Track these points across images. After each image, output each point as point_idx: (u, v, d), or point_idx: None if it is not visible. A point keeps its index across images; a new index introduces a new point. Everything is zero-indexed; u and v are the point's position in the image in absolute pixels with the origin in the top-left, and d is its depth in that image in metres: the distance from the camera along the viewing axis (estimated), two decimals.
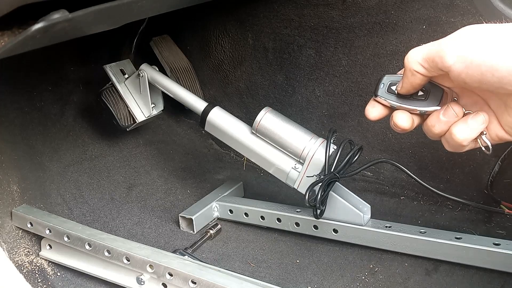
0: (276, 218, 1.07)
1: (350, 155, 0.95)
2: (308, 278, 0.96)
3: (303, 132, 1.00)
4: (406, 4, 1.09)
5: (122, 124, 1.21)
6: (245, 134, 1.06)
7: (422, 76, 0.61)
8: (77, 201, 1.17)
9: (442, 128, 0.63)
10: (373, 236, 0.97)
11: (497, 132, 0.62)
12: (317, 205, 0.92)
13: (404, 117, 0.65)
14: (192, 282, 0.83)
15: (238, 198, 1.20)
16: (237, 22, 1.34)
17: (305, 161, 0.98)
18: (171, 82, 1.17)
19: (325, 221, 1.00)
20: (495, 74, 0.54)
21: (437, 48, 0.57)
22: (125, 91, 1.21)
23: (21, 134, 1.16)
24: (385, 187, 1.19)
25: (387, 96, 0.66)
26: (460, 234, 0.92)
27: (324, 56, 1.22)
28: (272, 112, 1.02)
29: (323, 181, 0.92)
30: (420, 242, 0.93)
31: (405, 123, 0.65)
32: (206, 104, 1.10)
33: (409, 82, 0.62)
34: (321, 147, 0.97)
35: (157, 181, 1.31)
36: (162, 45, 1.35)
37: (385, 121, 1.17)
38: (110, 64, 1.21)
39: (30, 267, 1.01)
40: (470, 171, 1.09)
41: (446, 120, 0.62)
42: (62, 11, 0.61)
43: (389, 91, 0.66)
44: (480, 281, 0.90)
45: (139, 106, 1.22)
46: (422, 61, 0.59)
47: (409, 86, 0.63)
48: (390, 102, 0.66)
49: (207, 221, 1.14)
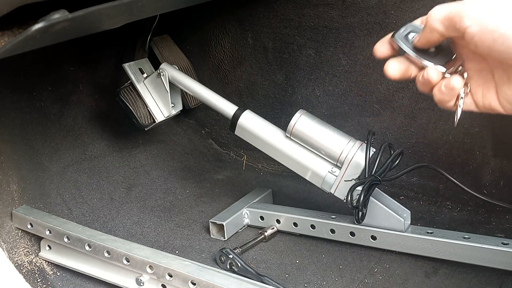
0: (310, 224, 1.04)
1: (392, 159, 0.93)
2: (307, 278, 0.96)
3: (340, 135, 0.97)
4: (406, 4, 1.09)
5: (142, 123, 1.19)
6: (279, 138, 1.02)
7: (439, 35, 0.62)
8: (77, 201, 1.17)
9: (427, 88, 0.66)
10: (414, 243, 0.94)
11: (491, 101, 0.63)
12: (359, 207, 0.89)
13: (396, 66, 0.67)
14: (192, 283, 0.83)
15: (268, 205, 1.16)
16: (237, 22, 1.34)
17: (343, 164, 0.94)
18: (194, 82, 1.14)
19: (363, 228, 0.97)
20: (505, 43, 0.55)
21: (458, 8, 0.59)
22: (144, 90, 1.19)
23: (21, 134, 1.16)
24: (384, 187, 1.19)
25: (402, 40, 0.67)
26: (507, 240, 0.88)
27: (324, 56, 1.22)
28: (307, 114, 0.99)
29: (365, 183, 0.89)
30: (464, 248, 0.89)
31: (396, 73, 0.67)
32: (236, 107, 1.07)
33: (426, 37, 0.64)
34: (360, 150, 0.94)
35: (156, 181, 1.31)
36: (162, 45, 1.35)
37: (384, 121, 1.18)
38: (129, 63, 1.20)
39: (30, 267, 1.01)
40: (470, 171, 1.09)
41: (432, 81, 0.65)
42: (62, 11, 0.61)
43: (405, 37, 0.67)
44: (479, 284, 0.90)
45: (159, 106, 1.20)
46: (443, 19, 0.61)
47: (425, 41, 0.64)
48: (402, 46, 0.67)
49: (237, 228, 1.11)
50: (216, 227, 1.09)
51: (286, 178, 1.30)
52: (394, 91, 1.15)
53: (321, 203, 1.14)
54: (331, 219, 1.02)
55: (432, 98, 0.66)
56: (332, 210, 1.05)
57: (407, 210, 0.97)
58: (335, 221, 1.01)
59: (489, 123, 1.05)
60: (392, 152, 0.94)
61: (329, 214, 1.04)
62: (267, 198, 1.20)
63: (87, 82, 1.33)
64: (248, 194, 1.19)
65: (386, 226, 0.95)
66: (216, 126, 1.46)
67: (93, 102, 1.34)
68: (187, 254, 1.05)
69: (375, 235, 0.97)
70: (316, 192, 1.00)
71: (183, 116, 1.49)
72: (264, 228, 1.08)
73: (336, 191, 0.96)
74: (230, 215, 1.09)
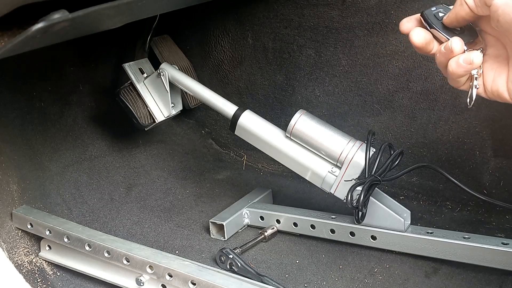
0: (310, 224, 1.03)
1: (392, 159, 0.93)
2: (307, 278, 0.96)
3: (340, 135, 0.96)
4: (406, 4, 1.09)
5: (143, 123, 1.19)
6: (279, 138, 1.02)
7: (469, 10, 0.63)
8: (77, 201, 1.17)
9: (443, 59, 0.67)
10: (414, 243, 0.94)
11: (499, 86, 0.65)
12: (359, 207, 0.89)
13: (422, 34, 0.68)
14: (192, 283, 0.83)
15: (269, 205, 1.16)
16: (237, 22, 1.34)
17: (343, 164, 0.94)
18: (193, 82, 1.14)
19: (363, 228, 0.97)
20: None
21: None
22: (144, 90, 1.19)
23: (21, 134, 1.16)
24: (384, 187, 1.19)
25: (430, 18, 0.69)
26: (507, 240, 0.88)
27: (324, 56, 1.22)
28: (307, 114, 0.99)
29: (365, 183, 0.89)
30: (464, 248, 0.89)
31: (420, 39, 0.68)
32: (236, 107, 1.07)
33: (456, 12, 0.65)
34: (360, 150, 0.94)
35: (156, 181, 1.31)
36: (162, 45, 1.35)
37: (384, 121, 1.18)
38: (129, 63, 1.20)
39: (30, 267, 1.01)
40: (470, 171, 1.09)
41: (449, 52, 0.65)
42: (62, 11, 0.60)
43: (434, 15, 0.69)
44: (479, 284, 0.90)
45: (159, 106, 1.20)
46: None
47: (454, 17, 0.66)
48: (430, 21, 0.69)
49: (237, 228, 1.11)
50: (216, 227, 1.09)
51: (286, 178, 1.30)
52: (394, 91, 1.15)
53: (321, 203, 1.14)
54: (331, 219, 1.02)
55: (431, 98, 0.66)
56: (332, 210, 1.05)
57: (407, 210, 0.96)
58: (335, 221, 1.01)
59: (489, 123, 1.05)
60: (392, 152, 0.94)
61: (329, 214, 1.03)
62: (267, 198, 1.20)
63: (87, 82, 1.33)
64: (248, 194, 1.19)
65: (386, 226, 0.95)
66: (216, 126, 1.46)
67: (93, 102, 1.34)
68: (187, 254, 1.05)
69: (375, 235, 0.97)
70: (316, 192, 1.00)
71: (183, 116, 1.49)
72: (264, 228, 1.08)
73: (336, 191, 0.96)
74: (230, 215, 1.09)
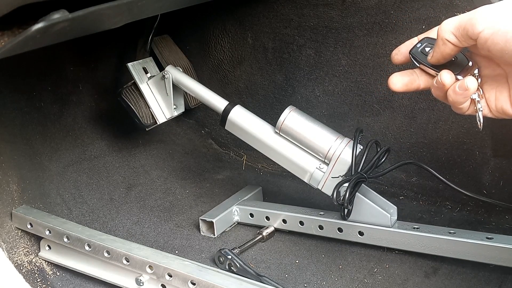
0: (299, 221, 1.04)
1: (378, 156, 0.94)
2: (307, 278, 0.96)
3: (328, 132, 0.97)
4: (406, 4, 1.09)
5: (144, 123, 1.19)
6: (268, 133, 1.02)
7: (453, 46, 0.63)
8: (76, 201, 1.17)
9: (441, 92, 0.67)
10: (400, 238, 0.94)
11: (503, 104, 0.64)
12: (345, 204, 0.90)
13: (399, 80, 0.70)
14: (192, 283, 0.83)
15: (258, 202, 1.17)
16: (237, 22, 1.34)
17: (331, 161, 0.95)
18: (194, 82, 1.15)
19: (350, 223, 0.98)
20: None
21: (469, 16, 0.60)
22: (147, 91, 1.19)
23: (21, 134, 1.16)
24: (384, 186, 1.19)
25: (417, 55, 0.69)
26: (491, 235, 0.89)
27: (324, 56, 1.22)
28: (296, 111, 0.99)
29: (350, 180, 0.90)
30: (449, 242, 0.90)
31: (398, 86, 0.71)
32: (227, 102, 1.07)
33: (440, 51, 0.64)
34: (348, 147, 0.94)
35: (156, 181, 1.31)
36: (162, 45, 1.35)
37: (384, 121, 1.18)
38: (133, 63, 1.19)
39: (30, 267, 1.01)
40: (470, 171, 1.09)
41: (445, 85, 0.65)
42: (62, 11, 0.61)
43: (421, 51, 0.69)
44: (479, 284, 0.90)
45: (161, 107, 1.20)
46: (454, 29, 0.61)
47: (440, 56, 0.65)
48: (418, 59, 0.69)
49: (227, 225, 1.11)
50: (206, 224, 1.10)
51: (286, 178, 1.30)
52: (394, 91, 1.15)
53: (322, 203, 1.14)
54: (319, 216, 1.03)
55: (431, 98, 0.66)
56: (332, 209, 1.05)
57: (394, 206, 0.97)
58: (323, 217, 1.02)
59: (489, 123, 1.05)
60: (379, 150, 0.94)
61: (317, 211, 1.05)
62: (257, 196, 1.21)
63: (87, 82, 1.33)
64: (238, 192, 1.20)
65: (373, 221, 0.96)
66: (216, 126, 1.46)
67: (93, 102, 1.34)
68: (187, 254, 1.05)
69: (362, 230, 0.98)
70: (316, 192, 1.00)
71: (183, 116, 1.48)
72: (262, 228, 1.09)
73: (323, 187, 0.97)
74: (220, 213, 1.10)
